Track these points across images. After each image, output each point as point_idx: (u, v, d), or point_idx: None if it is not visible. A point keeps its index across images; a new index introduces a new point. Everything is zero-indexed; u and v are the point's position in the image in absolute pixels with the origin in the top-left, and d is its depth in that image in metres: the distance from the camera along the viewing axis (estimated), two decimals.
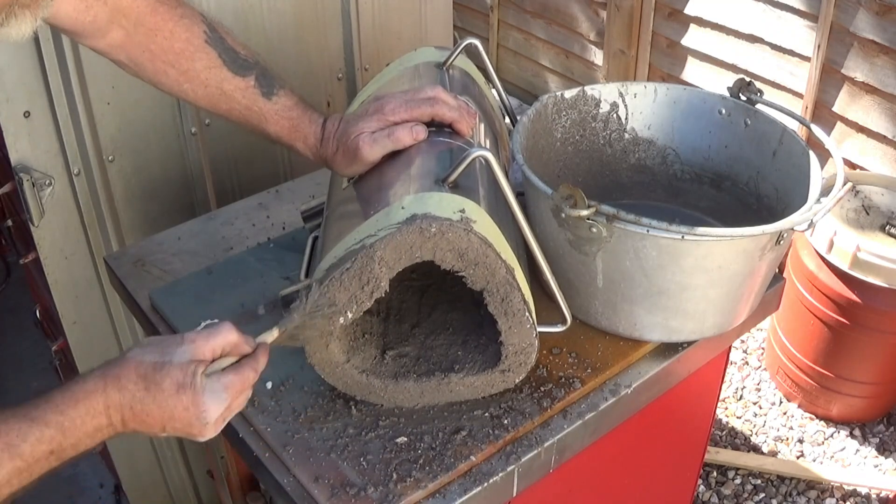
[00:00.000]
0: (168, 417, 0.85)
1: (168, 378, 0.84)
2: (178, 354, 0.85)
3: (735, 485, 2.24)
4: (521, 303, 0.97)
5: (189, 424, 0.86)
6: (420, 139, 1.07)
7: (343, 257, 0.95)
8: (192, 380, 0.84)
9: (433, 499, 0.97)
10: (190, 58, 1.10)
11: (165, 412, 0.84)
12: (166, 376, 0.84)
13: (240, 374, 0.88)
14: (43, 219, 1.48)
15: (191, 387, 0.84)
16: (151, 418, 0.85)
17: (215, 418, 0.86)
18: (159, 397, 0.84)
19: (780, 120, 1.25)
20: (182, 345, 0.86)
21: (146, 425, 0.86)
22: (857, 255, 2.04)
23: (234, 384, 0.87)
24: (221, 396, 0.86)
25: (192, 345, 0.86)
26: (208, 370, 0.86)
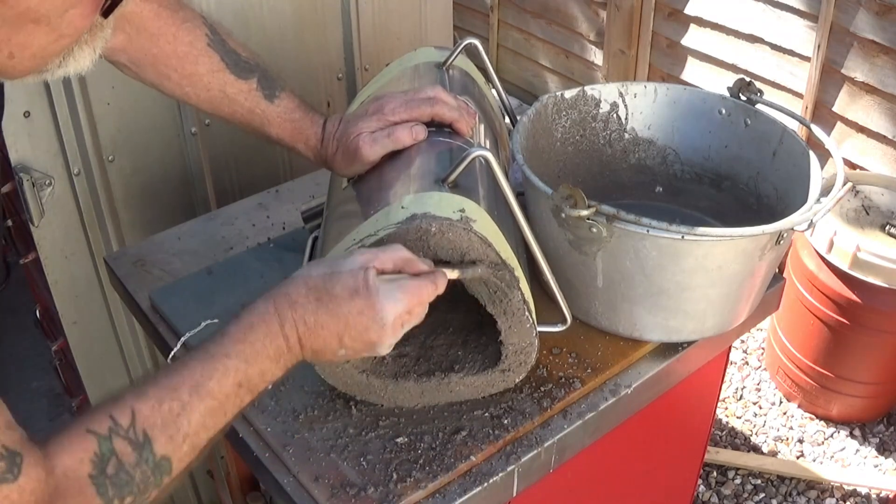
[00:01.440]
0: (343, 325, 0.83)
1: (339, 284, 0.82)
2: (348, 263, 0.84)
3: (735, 485, 2.24)
4: (521, 303, 0.97)
5: (366, 329, 0.83)
6: (420, 139, 1.07)
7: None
8: (365, 282, 0.82)
9: (433, 499, 0.98)
10: (193, 61, 1.10)
11: (340, 320, 0.82)
12: (336, 283, 0.82)
13: (417, 281, 0.86)
14: (43, 219, 1.48)
15: (364, 288, 0.82)
16: (327, 330, 0.83)
17: (392, 319, 0.84)
18: (332, 305, 0.82)
19: (780, 120, 1.25)
20: (352, 255, 0.85)
21: (322, 340, 0.83)
22: (857, 255, 2.04)
23: (409, 288, 0.85)
24: (397, 296, 0.84)
25: (362, 255, 0.84)
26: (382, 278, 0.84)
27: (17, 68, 0.64)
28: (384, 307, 0.83)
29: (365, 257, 0.85)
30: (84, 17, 0.63)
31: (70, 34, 0.64)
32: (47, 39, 0.63)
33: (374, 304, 0.83)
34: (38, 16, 0.60)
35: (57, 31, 0.62)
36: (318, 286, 0.83)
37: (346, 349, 0.85)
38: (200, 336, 1.16)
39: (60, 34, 0.63)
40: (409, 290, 0.85)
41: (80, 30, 0.65)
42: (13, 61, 0.63)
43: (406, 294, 0.85)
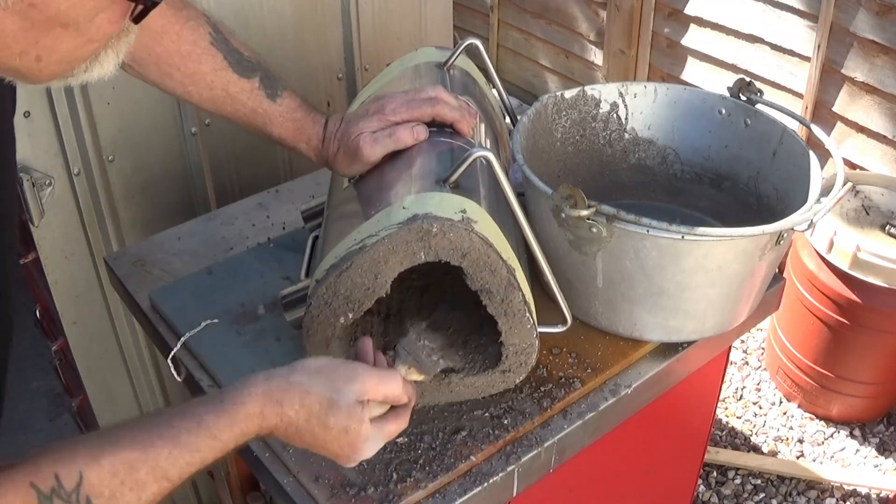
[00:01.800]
0: (319, 446, 0.85)
1: (333, 418, 0.83)
2: (347, 394, 0.83)
3: (735, 485, 2.24)
4: (521, 303, 0.97)
5: (336, 455, 0.86)
6: (421, 139, 1.07)
7: (344, 257, 0.95)
8: (359, 426, 0.84)
9: (433, 499, 0.98)
10: (196, 60, 1.10)
11: (318, 442, 0.84)
12: (331, 416, 0.82)
13: (398, 422, 0.88)
14: (43, 219, 1.48)
15: (354, 432, 0.84)
16: (301, 442, 0.85)
17: (369, 455, 0.87)
18: (319, 432, 0.83)
19: (780, 120, 1.25)
20: (353, 382, 0.84)
21: (291, 441, 0.85)
22: (857, 255, 2.04)
23: (391, 433, 0.88)
24: (379, 443, 0.87)
25: (363, 386, 0.84)
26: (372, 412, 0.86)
27: (43, 72, 0.63)
28: (364, 451, 0.86)
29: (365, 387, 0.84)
30: (112, 23, 0.63)
31: (98, 39, 0.64)
32: (75, 44, 0.62)
33: (357, 447, 0.85)
34: (67, 20, 0.59)
35: (85, 35, 0.62)
36: (312, 409, 0.82)
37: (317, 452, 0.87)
38: (200, 336, 1.17)
39: (89, 39, 0.62)
40: (390, 434, 0.88)
41: (108, 35, 0.64)
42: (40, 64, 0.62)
43: (386, 438, 0.88)
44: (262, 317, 1.20)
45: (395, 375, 0.88)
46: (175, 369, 1.18)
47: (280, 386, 0.83)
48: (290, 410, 0.82)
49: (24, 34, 0.59)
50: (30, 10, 0.57)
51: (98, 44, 0.64)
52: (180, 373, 1.17)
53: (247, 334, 1.17)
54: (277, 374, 0.84)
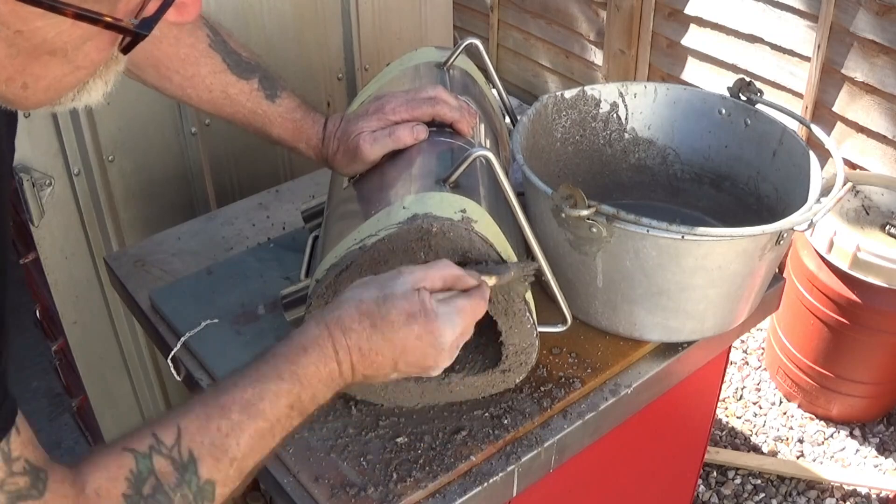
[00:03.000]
0: (400, 351, 0.81)
1: (394, 309, 0.79)
2: (400, 284, 0.81)
3: (735, 485, 2.24)
4: (521, 303, 0.97)
5: (423, 355, 0.81)
6: (421, 139, 1.07)
7: (344, 257, 0.95)
8: (422, 306, 0.80)
9: (433, 499, 0.98)
10: (195, 63, 1.10)
11: (397, 346, 0.80)
12: (392, 308, 0.80)
13: (471, 299, 0.83)
14: (43, 219, 1.48)
15: (422, 313, 0.80)
16: (382, 356, 0.81)
17: (450, 343, 0.82)
18: (388, 331, 0.79)
19: (780, 120, 1.25)
20: (400, 276, 0.82)
21: (377, 366, 0.81)
22: (857, 255, 2.04)
23: (465, 309, 0.83)
24: (455, 320, 0.82)
25: (412, 275, 0.82)
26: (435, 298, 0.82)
27: (30, 99, 0.63)
28: (443, 332, 0.81)
29: (415, 276, 0.82)
30: (100, 51, 0.62)
31: (86, 67, 0.63)
32: (62, 71, 0.62)
33: (433, 329, 0.80)
34: (55, 48, 0.59)
35: (73, 63, 0.61)
36: (371, 311, 0.80)
37: (400, 373, 0.84)
38: (200, 336, 1.17)
39: (76, 66, 0.62)
40: (466, 311, 0.83)
41: (95, 63, 0.64)
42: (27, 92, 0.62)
43: (463, 316, 0.83)
44: (262, 317, 1.20)
45: (442, 262, 0.84)
46: (175, 369, 1.18)
47: (335, 306, 0.82)
48: (353, 323, 0.80)
49: (11, 61, 0.58)
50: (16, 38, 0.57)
51: (86, 72, 0.64)
52: (180, 373, 1.17)
53: (247, 334, 1.17)
54: (331, 303, 0.83)
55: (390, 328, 0.80)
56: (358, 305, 0.80)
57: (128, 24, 0.59)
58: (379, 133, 1.08)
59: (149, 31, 0.60)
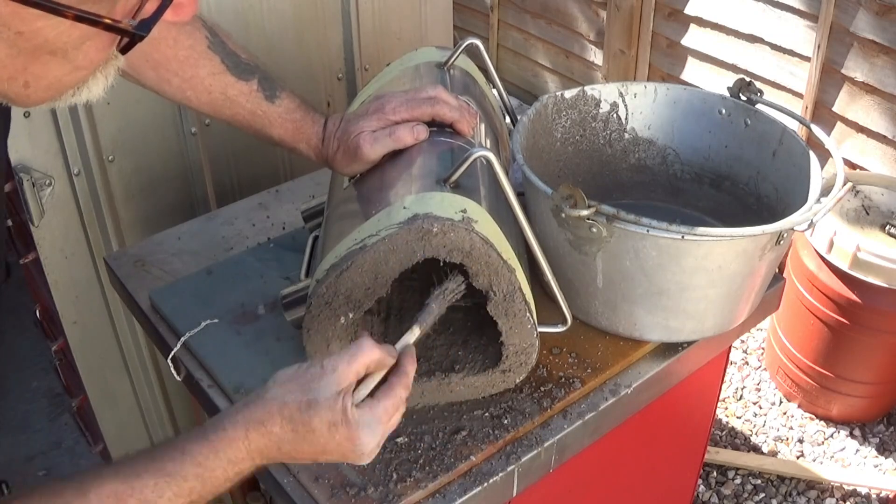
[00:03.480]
0: (320, 452, 0.81)
1: (317, 417, 0.79)
2: (322, 389, 0.80)
3: (735, 485, 2.24)
4: (522, 303, 0.97)
5: (344, 456, 0.82)
6: (421, 139, 1.07)
7: (344, 257, 0.95)
8: (344, 416, 0.79)
9: (433, 499, 0.98)
10: (193, 65, 1.10)
11: (317, 448, 0.81)
12: (314, 416, 0.79)
13: (391, 396, 0.83)
14: (43, 219, 1.48)
15: (343, 423, 0.79)
16: (302, 455, 0.81)
17: (372, 448, 0.82)
18: (310, 437, 0.80)
19: (780, 120, 1.25)
20: (323, 377, 0.80)
21: (295, 460, 0.83)
22: (857, 255, 2.04)
23: (387, 410, 0.82)
24: (376, 428, 0.82)
25: (334, 374, 0.80)
26: (356, 397, 0.82)
27: (31, 98, 0.63)
28: (364, 441, 0.81)
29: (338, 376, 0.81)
30: (100, 50, 0.63)
31: (86, 66, 0.64)
32: (63, 71, 0.62)
33: (353, 438, 0.80)
34: (55, 48, 0.59)
35: (73, 63, 0.62)
36: (294, 417, 0.79)
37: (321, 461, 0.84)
38: (200, 336, 1.17)
39: (76, 66, 0.63)
40: (388, 412, 0.83)
41: (95, 62, 0.64)
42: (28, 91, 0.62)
43: (383, 418, 0.82)
44: (262, 317, 1.20)
45: (363, 346, 0.82)
46: (175, 369, 1.18)
47: (257, 406, 0.80)
48: (273, 427, 0.79)
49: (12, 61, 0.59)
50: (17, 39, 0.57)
51: (86, 71, 0.65)
52: (180, 373, 1.17)
53: (247, 334, 1.17)
54: (254, 397, 0.82)
55: (312, 435, 0.80)
56: (281, 410, 0.79)
57: (126, 25, 0.60)
58: (379, 133, 1.07)
59: (147, 31, 0.61)
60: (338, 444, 0.81)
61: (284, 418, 0.79)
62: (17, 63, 0.59)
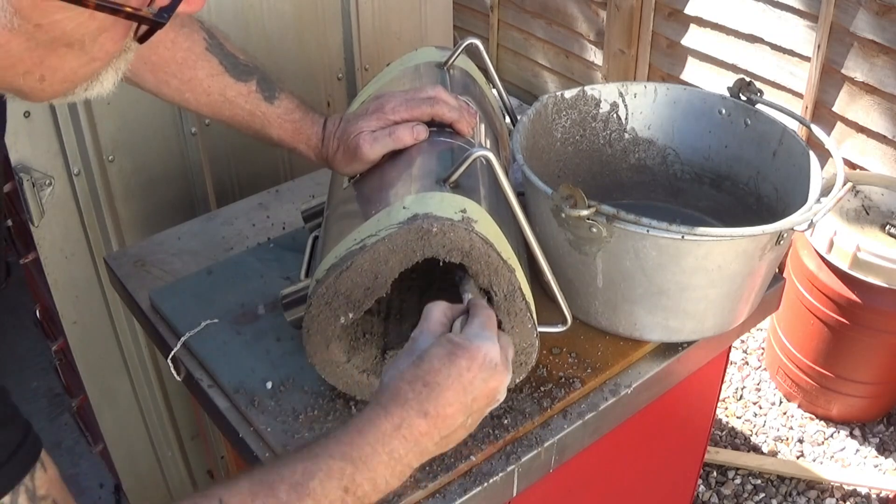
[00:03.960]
0: (463, 391, 0.77)
1: (434, 359, 0.77)
2: (420, 343, 0.79)
3: (735, 485, 2.24)
4: (522, 303, 0.97)
5: (483, 381, 0.78)
6: (421, 139, 1.07)
7: (344, 257, 0.95)
8: (452, 343, 0.78)
9: (433, 499, 0.97)
10: (192, 66, 1.10)
11: (457, 389, 0.76)
12: (431, 360, 0.77)
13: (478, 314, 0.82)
14: (43, 219, 1.48)
15: (458, 347, 0.77)
16: (451, 406, 0.76)
17: (498, 356, 0.79)
18: (440, 379, 0.76)
19: (780, 120, 1.25)
20: (416, 341, 0.80)
21: (449, 420, 0.77)
22: (857, 255, 2.04)
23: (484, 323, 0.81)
24: (486, 335, 0.79)
25: (423, 333, 0.80)
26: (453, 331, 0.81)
27: (46, 91, 0.64)
28: (487, 349, 0.78)
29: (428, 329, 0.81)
30: (115, 42, 0.63)
31: (101, 58, 0.64)
32: (79, 63, 0.62)
33: (474, 353, 0.77)
34: (73, 39, 0.60)
35: (89, 54, 0.62)
36: (416, 374, 0.77)
37: (473, 415, 0.80)
38: (200, 336, 1.17)
39: (92, 58, 0.63)
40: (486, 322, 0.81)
41: (111, 54, 0.64)
42: (43, 84, 0.63)
43: (489, 327, 0.81)
44: (262, 317, 1.20)
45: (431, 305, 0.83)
46: (175, 369, 1.18)
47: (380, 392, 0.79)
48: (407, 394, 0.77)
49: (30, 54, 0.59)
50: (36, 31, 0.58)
51: (101, 63, 0.65)
52: (180, 373, 1.17)
53: (247, 334, 1.17)
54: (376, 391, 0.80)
55: (440, 375, 0.77)
56: (402, 377, 0.78)
57: (147, 13, 0.60)
58: (379, 133, 1.07)
59: (167, 19, 0.61)
60: (468, 370, 0.77)
61: (407, 381, 0.77)
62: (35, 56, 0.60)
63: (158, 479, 1.92)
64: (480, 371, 0.78)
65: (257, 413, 1.05)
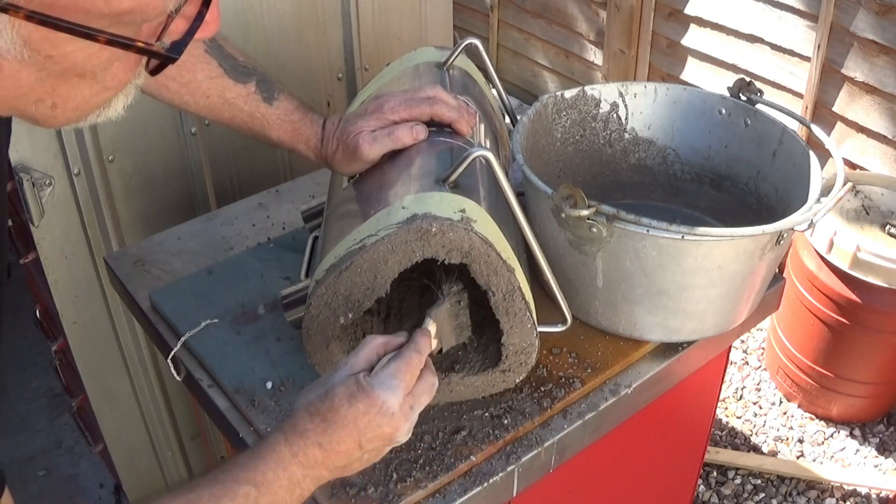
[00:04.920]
0: (356, 432, 0.82)
1: (336, 398, 0.81)
2: (336, 377, 0.83)
3: (735, 485, 2.24)
4: (522, 303, 0.97)
5: (378, 426, 0.82)
6: (420, 139, 1.07)
7: (343, 257, 0.95)
8: (358, 384, 0.82)
9: (433, 499, 0.98)
10: (191, 69, 1.10)
11: (351, 429, 0.82)
12: (334, 397, 0.82)
13: (400, 358, 0.85)
14: (43, 219, 1.48)
15: (360, 391, 0.81)
16: (343, 443, 0.82)
17: (398, 405, 0.83)
18: (337, 418, 0.81)
19: (780, 120, 1.25)
20: (336, 372, 0.85)
21: (343, 455, 0.82)
22: (857, 255, 2.04)
23: (399, 369, 0.84)
24: (392, 383, 0.82)
25: (346, 365, 0.85)
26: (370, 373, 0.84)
27: (58, 118, 0.63)
28: (385, 398, 0.82)
29: (347, 366, 0.85)
30: (127, 71, 0.63)
31: (113, 87, 0.64)
32: (91, 92, 0.62)
33: (374, 400, 0.81)
34: (84, 70, 0.59)
35: (101, 84, 0.62)
36: (318, 408, 0.82)
37: (368, 452, 0.84)
38: (200, 336, 1.17)
39: (104, 87, 0.63)
40: (400, 370, 0.84)
41: (122, 83, 0.64)
42: (55, 112, 0.62)
43: (399, 376, 0.84)
44: (262, 317, 1.20)
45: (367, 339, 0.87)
46: (175, 369, 1.18)
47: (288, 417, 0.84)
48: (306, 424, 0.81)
49: (41, 84, 0.59)
50: (47, 62, 0.57)
51: (113, 92, 0.65)
52: (180, 373, 1.17)
53: (247, 334, 1.17)
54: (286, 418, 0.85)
55: (338, 415, 0.81)
56: (307, 408, 0.82)
57: (158, 48, 0.60)
58: (378, 133, 1.08)
59: (179, 54, 0.61)
60: (364, 413, 0.81)
61: (311, 413, 0.82)
62: (46, 86, 0.59)
63: (158, 479, 1.92)
64: (376, 417, 0.82)
65: (257, 413, 1.06)
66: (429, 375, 0.87)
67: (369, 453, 0.84)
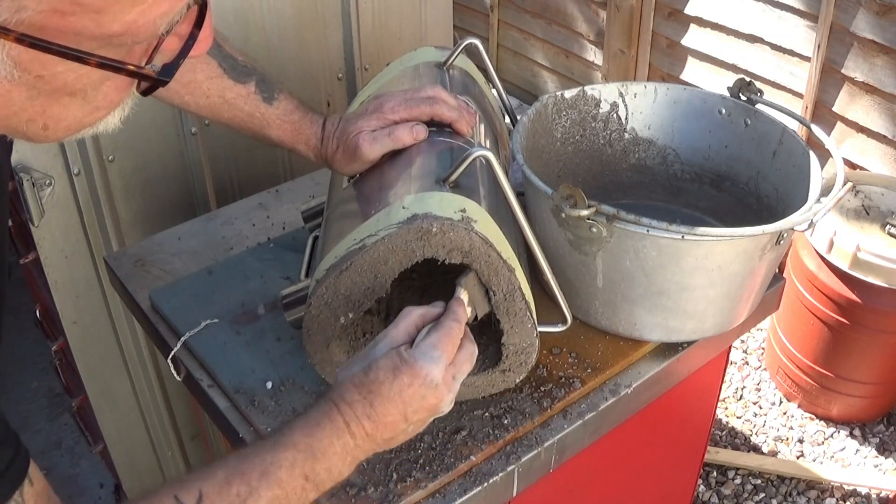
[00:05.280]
0: (402, 404, 0.83)
1: (380, 371, 0.82)
2: (377, 350, 0.84)
3: (735, 485, 2.24)
4: (522, 302, 0.97)
5: (422, 397, 0.83)
6: (420, 139, 1.07)
7: (344, 257, 0.95)
8: (400, 357, 0.83)
9: (433, 499, 0.98)
10: (190, 69, 1.10)
11: (397, 401, 0.82)
12: (378, 371, 0.83)
13: (441, 328, 0.85)
14: (43, 219, 1.48)
15: (403, 363, 0.82)
16: (390, 415, 0.83)
17: (440, 376, 0.83)
18: (383, 391, 0.82)
19: (780, 120, 1.25)
20: (376, 344, 0.86)
21: (390, 426, 0.84)
22: (857, 255, 2.04)
23: (440, 340, 0.84)
24: (434, 355, 0.83)
25: (385, 338, 0.85)
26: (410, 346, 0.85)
27: (50, 137, 0.63)
28: (428, 370, 0.83)
29: (387, 339, 0.86)
30: (119, 91, 0.63)
31: (105, 107, 0.63)
32: (82, 112, 0.62)
33: (417, 372, 0.82)
34: (75, 90, 0.59)
35: (92, 104, 0.61)
36: (362, 381, 0.83)
37: (413, 424, 0.85)
38: (200, 336, 1.17)
39: (95, 107, 0.62)
40: (441, 341, 0.85)
41: (114, 103, 0.64)
42: (47, 132, 0.62)
43: (440, 347, 0.84)
44: (262, 317, 1.20)
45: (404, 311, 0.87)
46: (175, 369, 1.18)
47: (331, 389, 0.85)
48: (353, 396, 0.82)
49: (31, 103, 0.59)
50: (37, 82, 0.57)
51: (105, 112, 0.64)
52: (180, 373, 1.17)
53: (247, 334, 1.17)
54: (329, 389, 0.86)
55: (383, 387, 0.82)
56: (351, 380, 0.83)
57: (149, 70, 0.59)
58: (378, 133, 1.08)
59: (170, 77, 0.61)
60: (409, 386, 0.82)
61: (355, 385, 0.83)
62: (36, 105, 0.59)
63: (158, 480, 1.92)
64: (421, 388, 0.83)
65: (257, 413, 1.06)
66: (468, 344, 0.88)
67: (414, 425, 0.85)
